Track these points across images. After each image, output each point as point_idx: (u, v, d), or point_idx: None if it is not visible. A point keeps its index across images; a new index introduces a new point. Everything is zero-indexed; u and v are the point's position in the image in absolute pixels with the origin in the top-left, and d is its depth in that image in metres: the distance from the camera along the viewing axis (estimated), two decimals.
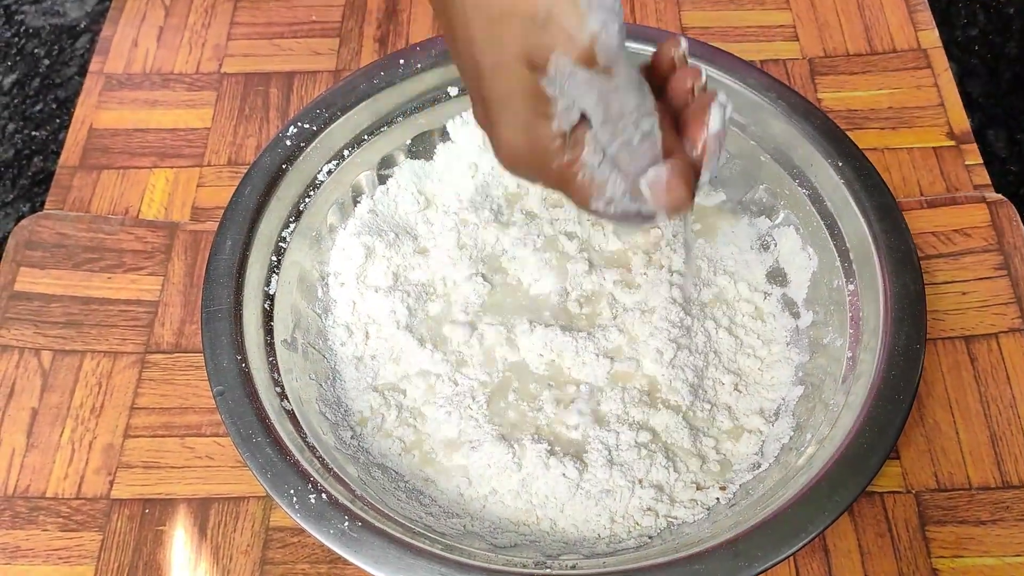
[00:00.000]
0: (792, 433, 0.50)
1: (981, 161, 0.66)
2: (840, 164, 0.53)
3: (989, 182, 0.65)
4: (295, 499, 0.43)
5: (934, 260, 0.61)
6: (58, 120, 0.72)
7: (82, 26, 0.78)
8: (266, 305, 0.52)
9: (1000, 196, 0.63)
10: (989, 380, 0.57)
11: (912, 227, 0.61)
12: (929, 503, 0.53)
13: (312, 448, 0.47)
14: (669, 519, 0.48)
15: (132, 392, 0.58)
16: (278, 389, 0.49)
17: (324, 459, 0.47)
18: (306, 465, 0.45)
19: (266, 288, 0.52)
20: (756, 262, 0.57)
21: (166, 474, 0.55)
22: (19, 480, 0.55)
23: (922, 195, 0.64)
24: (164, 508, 0.54)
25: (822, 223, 0.54)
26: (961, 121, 0.68)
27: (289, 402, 0.49)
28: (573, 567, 0.42)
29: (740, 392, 0.53)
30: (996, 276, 0.60)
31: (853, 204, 0.52)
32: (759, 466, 0.49)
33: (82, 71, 0.74)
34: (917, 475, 0.54)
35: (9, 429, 0.57)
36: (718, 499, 0.48)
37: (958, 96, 0.69)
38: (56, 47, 0.77)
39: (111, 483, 0.55)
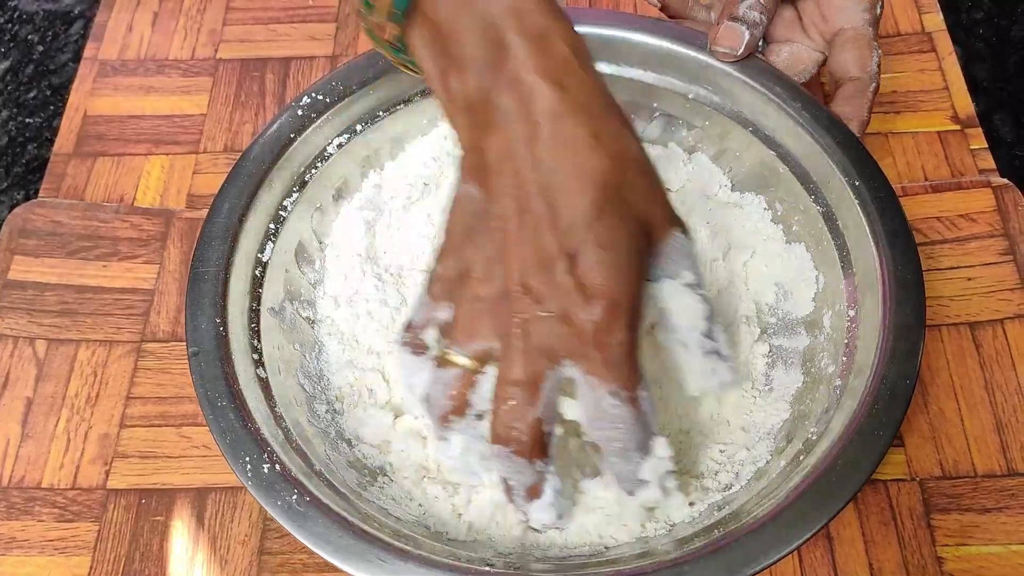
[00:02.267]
0: (769, 457, 0.48)
1: (986, 145, 0.65)
2: (857, 183, 0.51)
3: (994, 167, 0.64)
4: (249, 467, 0.43)
5: (939, 246, 0.60)
6: (52, 107, 0.71)
7: (76, 11, 0.77)
8: (257, 271, 0.51)
9: (1005, 181, 0.62)
10: (994, 367, 0.56)
11: (916, 212, 0.61)
12: (934, 491, 0.52)
13: (280, 418, 0.47)
14: (634, 531, 0.46)
15: (128, 381, 0.58)
16: (255, 356, 0.48)
17: (290, 431, 0.46)
18: (267, 434, 0.44)
19: (259, 255, 0.52)
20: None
21: (163, 464, 0.55)
22: (14, 470, 0.55)
23: (926, 180, 0.64)
24: (161, 498, 0.54)
25: (832, 243, 0.52)
26: (966, 105, 0.67)
27: (265, 370, 0.48)
28: (518, 568, 0.42)
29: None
30: (1002, 261, 0.59)
31: (866, 227, 0.50)
32: (730, 487, 0.48)
33: (76, 57, 0.74)
34: (921, 463, 0.53)
35: (3, 419, 0.56)
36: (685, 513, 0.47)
37: (963, 80, 0.68)
38: (50, 33, 0.76)
39: (107, 473, 0.54)
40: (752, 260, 0.56)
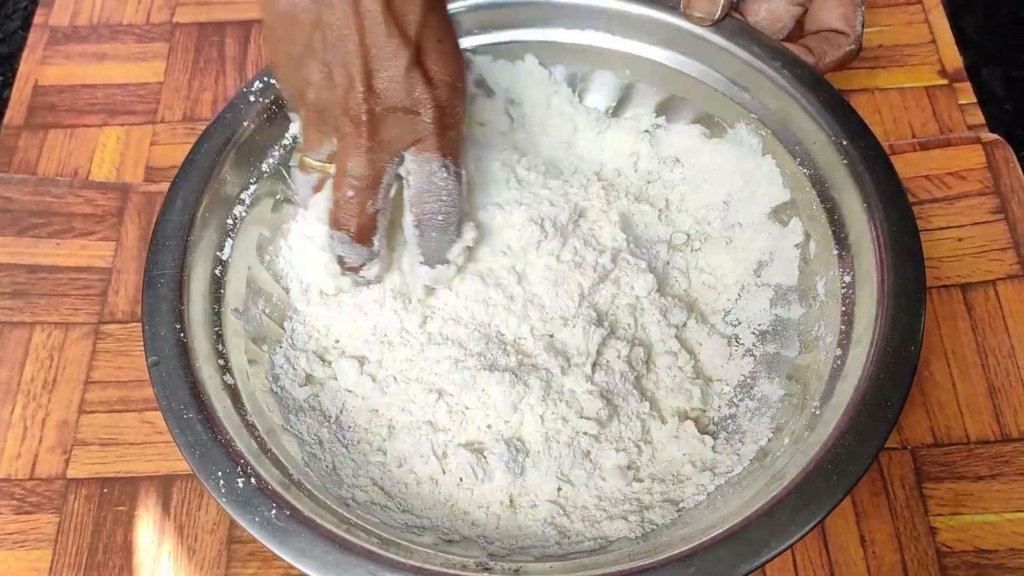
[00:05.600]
0: (771, 435, 0.46)
1: (975, 100, 0.63)
2: (844, 143, 0.48)
3: (983, 122, 0.62)
4: (222, 482, 0.40)
5: (928, 205, 0.58)
6: (1, 77, 0.68)
7: None
8: (217, 271, 0.48)
9: (996, 136, 0.60)
10: (987, 329, 0.54)
11: (904, 171, 0.59)
12: (926, 459, 0.51)
13: (252, 427, 0.44)
14: (638, 520, 0.44)
15: (86, 365, 0.55)
16: (221, 362, 0.45)
17: (263, 440, 0.44)
18: (239, 445, 0.42)
19: (219, 253, 0.49)
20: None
21: (125, 451, 0.52)
22: None
23: (914, 137, 0.62)
24: (124, 487, 0.51)
25: (822, 207, 0.50)
26: (954, 59, 0.65)
27: (232, 376, 0.45)
28: (517, 571, 0.40)
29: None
30: (993, 220, 0.57)
31: (856, 188, 0.47)
32: (732, 469, 0.46)
33: (25, 24, 0.70)
34: (912, 430, 0.52)
35: None
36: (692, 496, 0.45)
37: (950, 32, 0.66)
38: None
39: (67, 462, 0.52)
40: (738, 228, 0.54)
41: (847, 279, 0.47)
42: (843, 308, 0.46)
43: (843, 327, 0.46)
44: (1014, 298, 0.55)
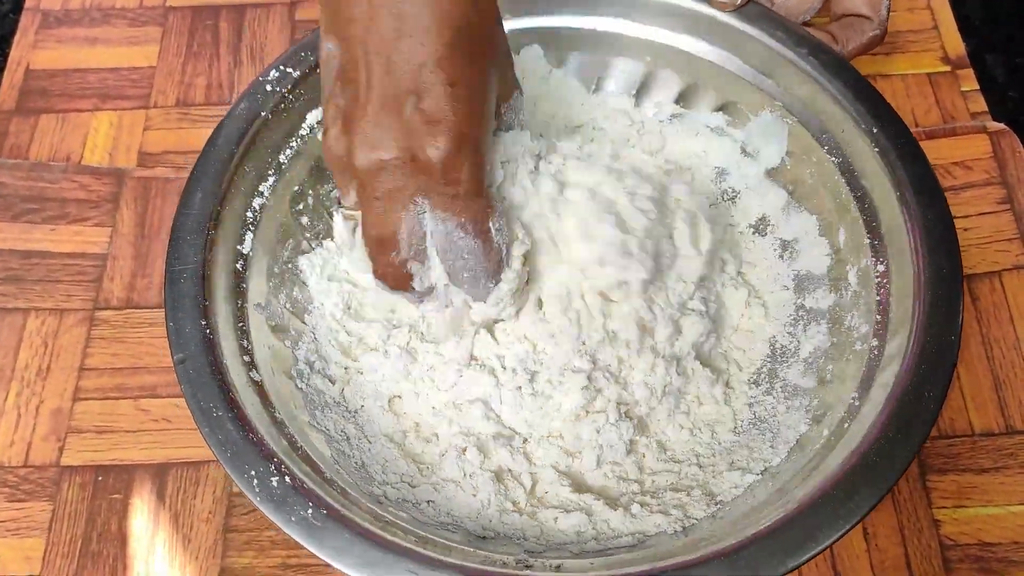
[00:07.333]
0: (805, 428, 0.46)
1: (978, 87, 0.63)
2: (874, 130, 0.48)
3: (986, 109, 0.62)
4: (256, 481, 0.39)
5: None
6: None
7: None
8: (239, 265, 0.47)
9: (1002, 125, 0.60)
10: (991, 321, 0.54)
11: None
12: (929, 451, 0.50)
13: (281, 424, 0.43)
14: (677, 515, 0.44)
15: (81, 352, 0.54)
16: (247, 358, 0.45)
17: (293, 437, 0.43)
18: (271, 443, 0.41)
19: (239, 247, 0.48)
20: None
21: (120, 439, 0.52)
22: None
23: (917, 125, 0.61)
24: (118, 475, 0.51)
25: (851, 195, 0.49)
26: (957, 45, 0.64)
27: (259, 372, 0.44)
28: (558, 568, 0.39)
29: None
30: (999, 210, 0.57)
31: (887, 175, 0.47)
32: (771, 461, 0.45)
33: (16, 8, 0.70)
34: None
35: None
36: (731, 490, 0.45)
37: (953, 18, 0.65)
38: None
39: (61, 449, 0.51)
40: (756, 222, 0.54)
41: (881, 268, 0.47)
42: (878, 297, 0.46)
43: (879, 317, 0.45)
44: (1019, 289, 0.54)
